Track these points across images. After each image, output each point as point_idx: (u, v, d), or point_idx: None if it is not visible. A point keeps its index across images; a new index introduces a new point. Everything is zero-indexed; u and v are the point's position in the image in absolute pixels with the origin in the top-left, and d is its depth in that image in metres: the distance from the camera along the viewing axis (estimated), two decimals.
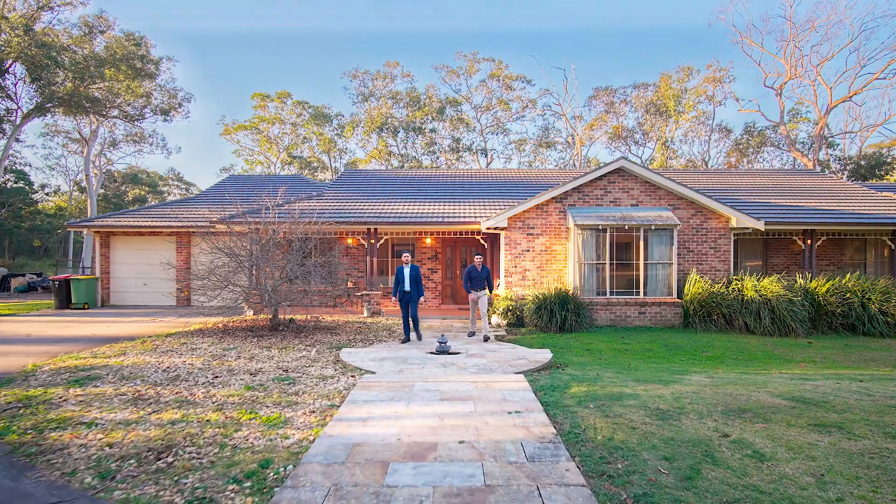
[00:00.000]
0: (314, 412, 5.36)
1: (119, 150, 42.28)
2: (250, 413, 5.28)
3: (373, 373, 7.29)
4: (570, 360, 8.87)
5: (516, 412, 5.09)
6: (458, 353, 9.04)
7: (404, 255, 9.98)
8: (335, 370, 7.56)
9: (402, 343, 9.56)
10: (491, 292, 10.43)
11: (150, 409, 5.37)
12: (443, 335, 8.94)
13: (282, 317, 11.70)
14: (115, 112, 33.06)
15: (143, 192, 44.64)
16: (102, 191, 43.69)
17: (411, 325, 10.34)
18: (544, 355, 8.54)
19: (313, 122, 40.91)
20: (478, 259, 10.23)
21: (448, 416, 4.96)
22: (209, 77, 75.07)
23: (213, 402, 5.68)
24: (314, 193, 17.15)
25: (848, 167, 30.98)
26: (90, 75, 29.31)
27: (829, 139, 31.95)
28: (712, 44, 59.67)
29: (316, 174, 42.11)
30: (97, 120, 37.19)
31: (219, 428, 4.80)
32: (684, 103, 32.88)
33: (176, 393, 6.05)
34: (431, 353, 9.04)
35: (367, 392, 5.93)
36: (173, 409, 5.44)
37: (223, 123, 47.05)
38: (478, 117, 41.62)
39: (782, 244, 16.26)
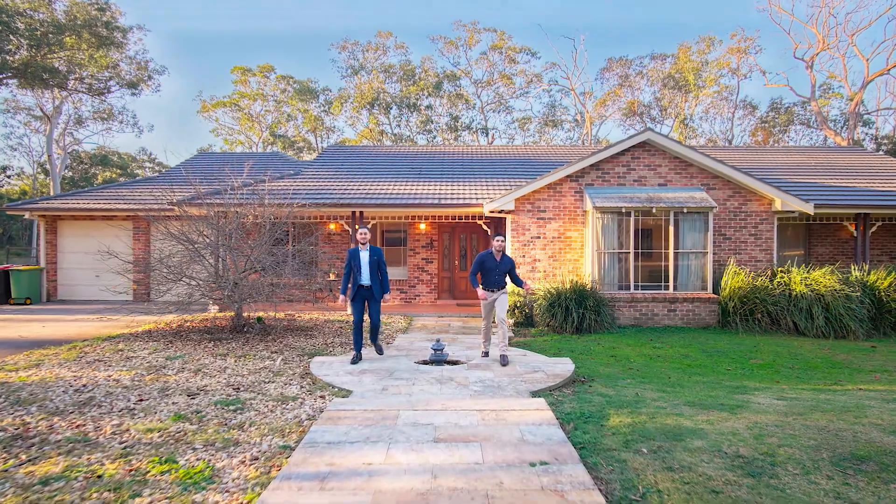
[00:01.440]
0: (256, 460, 4.02)
1: (86, 128, 40.63)
2: (166, 462, 3.93)
3: (347, 393, 5.96)
4: (595, 370, 7.56)
5: (542, 463, 3.75)
6: (457, 364, 7.70)
7: (360, 231, 7.40)
8: (301, 388, 6.22)
9: (353, 364, 7.19)
10: (522, 284, 7.60)
11: (24, 457, 4.01)
12: (438, 340, 7.60)
13: (247, 315, 10.34)
14: (78, 85, 31.39)
15: (113, 175, 43.00)
16: (69, 173, 42.05)
17: (366, 336, 8.64)
18: (564, 366, 7.21)
19: (298, 97, 39.27)
20: (498, 242, 7.45)
21: (444, 470, 3.62)
22: (185, 49, 72.99)
23: (121, 443, 4.33)
24: (291, 172, 15.71)
25: (883, 146, 29.62)
26: (48, 43, 27.64)
27: (865, 116, 30.57)
28: (737, 11, 57.80)
29: (301, 155, 40.54)
30: (60, 95, 35.55)
31: (109, 491, 3.45)
32: (705, 77, 31.38)
33: (77, 427, 4.70)
34: (424, 362, 7.71)
35: (334, 426, 4.59)
36: (60, 454, 4.08)
37: (200, 100, 45.36)
38: (478, 93, 40.05)
39: (828, 231, 14.93)
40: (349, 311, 7.42)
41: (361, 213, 13.34)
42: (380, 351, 7.81)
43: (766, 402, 5.62)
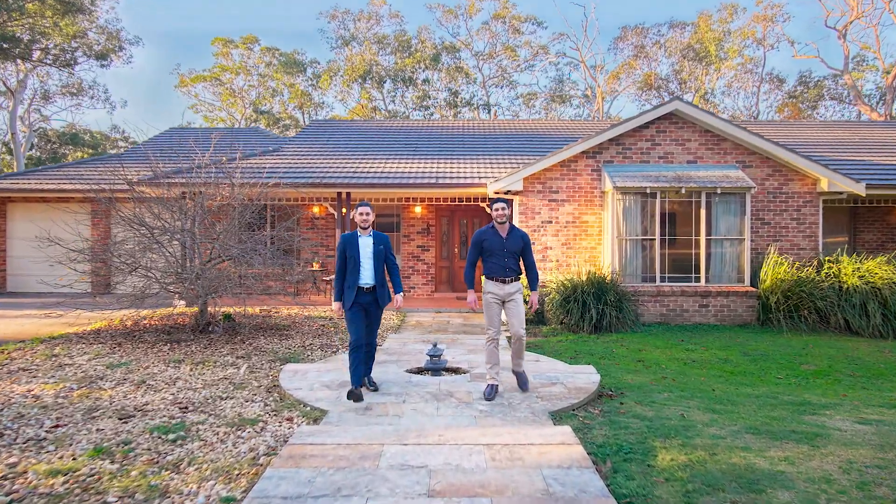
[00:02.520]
0: None
1: (53, 103, 39.38)
2: None
3: (321, 414, 5.02)
4: (623, 380, 6.64)
5: None
6: (458, 372, 6.78)
7: (360, 208, 5.64)
8: (265, 406, 5.29)
9: (350, 400, 5.24)
10: (537, 284, 5.76)
11: None
12: (435, 345, 6.65)
13: (214, 310, 9.39)
14: (44, 56, 30.16)
15: (84, 155, 41.80)
16: (36, 153, 40.85)
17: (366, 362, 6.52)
18: (587, 376, 6.28)
19: (283, 70, 38.03)
20: (500, 210, 5.52)
21: None
22: (162, 19, 71.23)
23: (7, 496, 3.39)
24: (270, 148, 14.67)
25: None
26: (7, 8, 26.42)
27: None
28: None
29: (287, 133, 39.40)
30: (25, 68, 34.30)
31: None
32: (727, 48, 30.21)
33: None
34: (418, 370, 6.79)
35: (296, 470, 3.65)
36: None
37: (178, 73, 44.04)
38: (479, 66, 38.82)
39: (875, 215, 13.97)
40: (338, 315, 5.74)
41: (349, 194, 12.34)
42: (373, 386, 5.72)
43: (848, 429, 4.70)
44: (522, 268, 5.78)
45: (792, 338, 9.45)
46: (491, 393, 5.44)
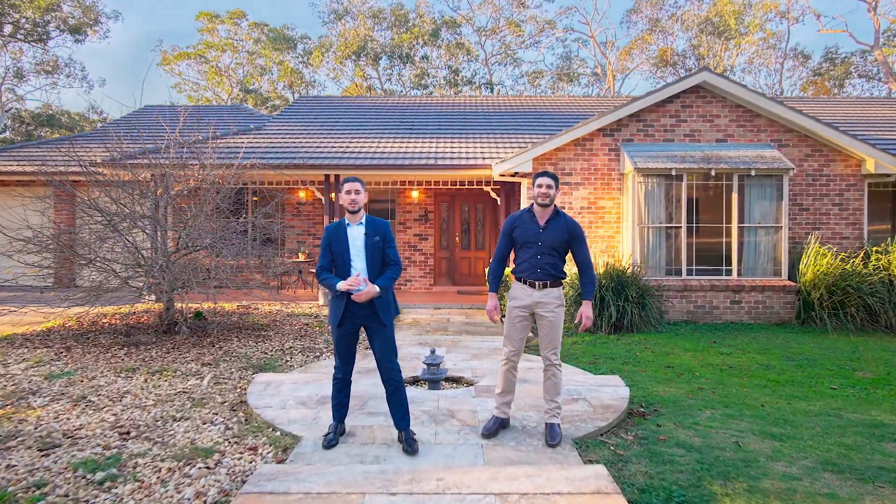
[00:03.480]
0: None
1: (28, 82, 38.41)
2: None
3: (294, 441, 4.24)
4: (652, 392, 5.86)
5: None
6: (459, 383, 6.01)
7: (347, 185, 4.15)
8: (226, 430, 4.50)
9: (324, 446, 4.09)
10: (592, 292, 4.47)
11: None
12: (433, 351, 5.84)
13: (183, 306, 8.58)
14: (11, 29, 29.17)
15: (62, 136, 40.81)
16: (9, 134, 39.90)
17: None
18: (614, 389, 5.49)
19: (272, 46, 37.00)
20: (543, 187, 4.38)
21: None
22: None
23: None
24: (251, 126, 13.80)
25: None
26: None
27: None
28: None
29: (276, 113, 38.46)
30: None
31: None
32: (748, 22, 29.22)
33: None
34: (414, 380, 6.02)
35: None
36: None
37: (160, 50, 42.94)
38: (481, 43, 37.78)
39: None
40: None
41: (337, 176, 11.51)
42: (411, 448, 4.02)
43: None
44: (558, 267, 4.43)
45: (838, 339, 8.66)
46: (492, 427, 4.36)
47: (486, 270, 4.60)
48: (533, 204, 4.48)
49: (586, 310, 4.40)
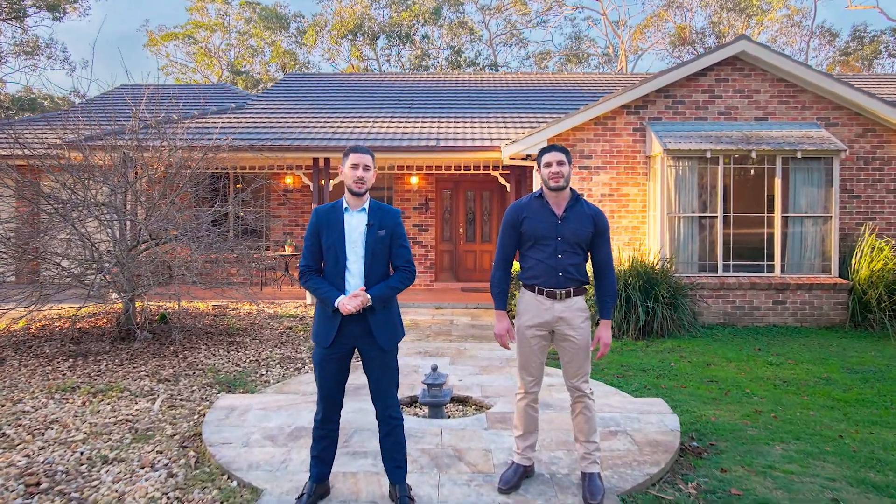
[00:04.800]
0: None
1: (7, 64, 37.25)
2: None
3: (252, 498, 3.31)
4: (702, 416, 4.94)
5: None
6: (466, 403, 5.09)
7: (354, 156, 3.13)
8: (167, 478, 3.57)
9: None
10: (612, 307, 3.52)
11: None
12: (435, 368, 4.90)
13: (142, 305, 7.63)
14: None
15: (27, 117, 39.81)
16: None
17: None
18: (659, 418, 4.55)
19: (263, 25, 35.93)
20: (553, 166, 3.30)
21: None
22: None
23: None
24: (232, 105, 12.81)
25: None
26: None
27: None
28: None
29: None
30: None
31: None
32: None
33: None
34: (411, 401, 5.10)
35: None
36: None
37: (146, 30, 41.82)
38: (485, 22, 36.67)
39: None
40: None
41: (327, 160, 10.54)
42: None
43: None
44: (579, 269, 3.42)
45: None
46: (512, 478, 3.40)
47: (491, 278, 3.52)
48: (542, 189, 3.45)
49: (605, 333, 3.42)
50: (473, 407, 5.20)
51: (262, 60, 39.08)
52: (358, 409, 4.69)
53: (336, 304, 3.02)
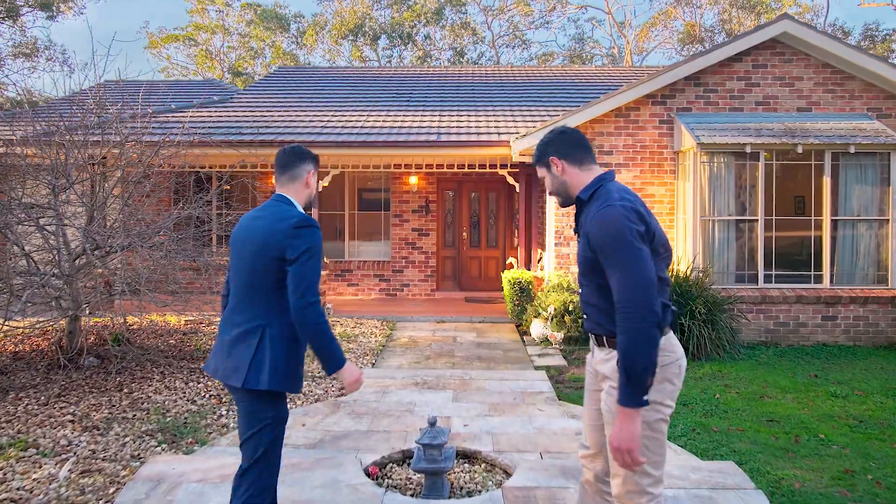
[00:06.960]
0: None
1: (5, 66, 36.23)
2: None
3: None
4: (776, 478, 3.74)
5: None
6: (474, 460, 3.83)
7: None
8: None
9: None
10: (624, 375, 1.85)
11: None
12: (434, 421, 3.61)
13: (85, 322, 6.38)
14: None
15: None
16: None
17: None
18: (738, 496, 3.27)
19: (263, 26, 34.90)
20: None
21: None
22: None
23: None
24: (215, 98, 11.55)
25: None
26: None
27: None
28: None
29: None
30: None
31: None
32: None
33: None
34: (402, 459, 3.83)
35: None
36: None
37: (147, 32, 40.78)
38: (488, 23, 35.58)
39: None
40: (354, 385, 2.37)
41: (316, 157, 9.28)
42: None
43: None
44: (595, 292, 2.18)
45: None
46: None
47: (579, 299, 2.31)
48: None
49: (616, 431, 1.90)
50: (483, 466, 3.93)
51: (263, 62, 38.10)
52: (329, 477, 3.41)
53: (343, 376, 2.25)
